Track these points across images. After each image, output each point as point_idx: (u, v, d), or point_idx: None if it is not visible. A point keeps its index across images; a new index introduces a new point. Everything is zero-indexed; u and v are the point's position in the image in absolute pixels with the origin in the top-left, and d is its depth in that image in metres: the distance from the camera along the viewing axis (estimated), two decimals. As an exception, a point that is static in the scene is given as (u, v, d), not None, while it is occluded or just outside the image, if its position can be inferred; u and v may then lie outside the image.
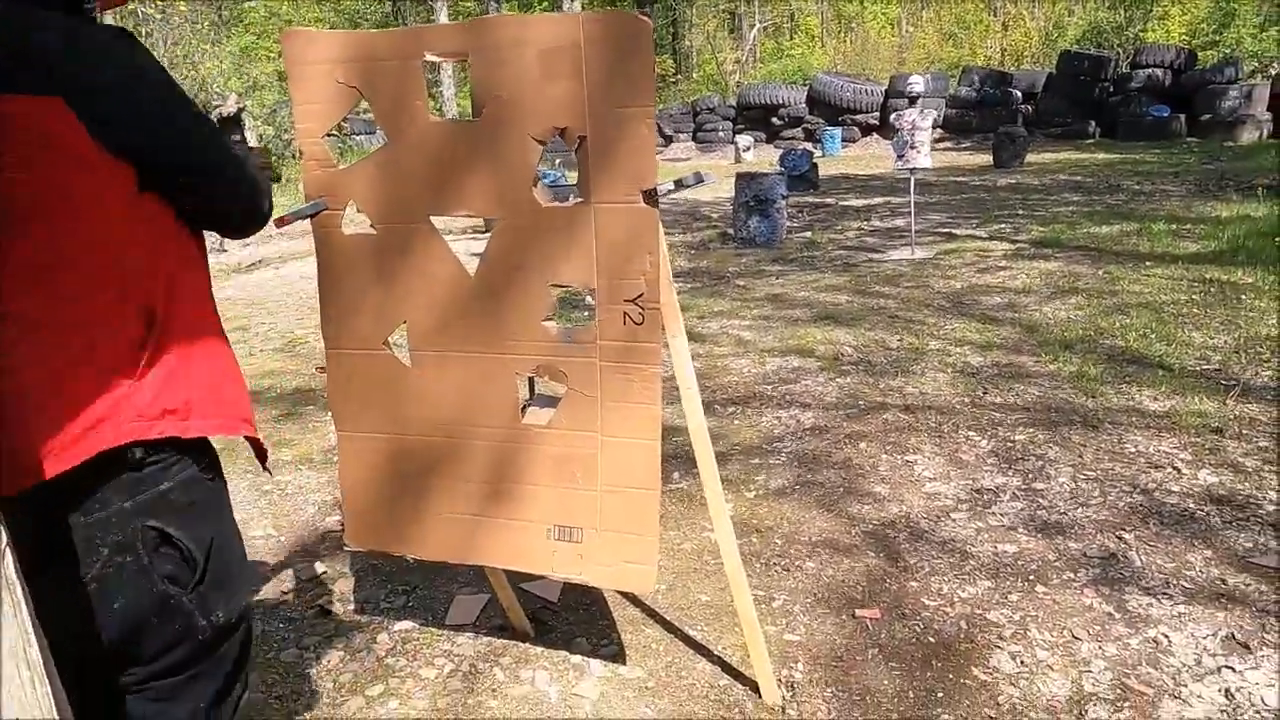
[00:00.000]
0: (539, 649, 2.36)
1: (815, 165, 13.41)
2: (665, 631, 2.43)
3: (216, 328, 1.48)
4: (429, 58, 1.87)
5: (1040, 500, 3.02)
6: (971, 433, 3.63)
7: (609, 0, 29.77)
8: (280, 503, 3.35)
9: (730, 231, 9.13)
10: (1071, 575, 2.56)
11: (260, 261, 9.51)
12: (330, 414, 2.22)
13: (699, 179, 1.85)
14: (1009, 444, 3.49)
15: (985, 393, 4.07)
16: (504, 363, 2.01)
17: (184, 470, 1.34)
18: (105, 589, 1.28)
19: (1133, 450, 3.35)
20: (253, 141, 13.80)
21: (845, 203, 11.42)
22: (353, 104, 1.94)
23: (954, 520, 2.93)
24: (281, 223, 2.06)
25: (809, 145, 17.63)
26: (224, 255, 9.81)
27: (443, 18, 14.58)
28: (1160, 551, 2.64)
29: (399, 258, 2.01)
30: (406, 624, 2.52)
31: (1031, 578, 2.56)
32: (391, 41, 1.88)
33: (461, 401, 2.05)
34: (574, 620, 2.50)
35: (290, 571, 2.86)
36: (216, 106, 13.95)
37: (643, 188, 1.82)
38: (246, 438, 1.48)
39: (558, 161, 13.66)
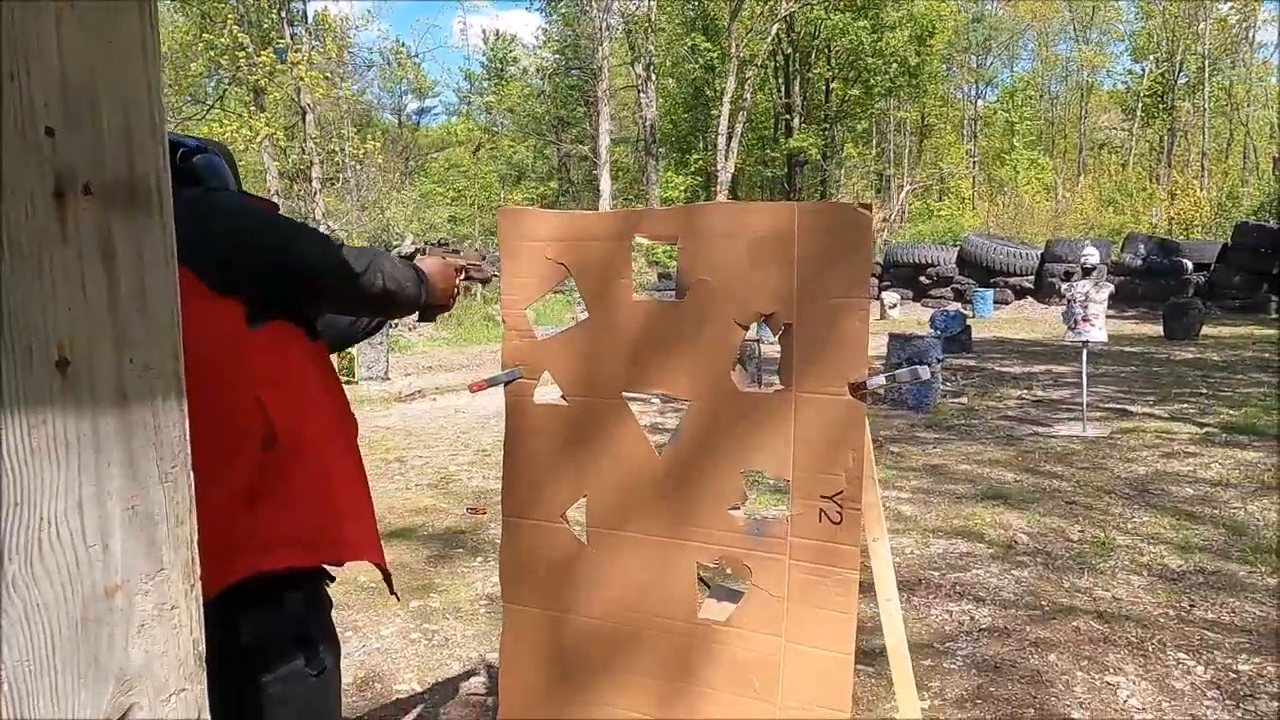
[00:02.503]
0: None
1: (968, 327, 13.03)
2: None
3: (343, 456, 1.60)
4: (640, 240, 1.90)
5: (1283, 754, 2.55)
6: (1183, 655, 3.17)
7: (762, 163, 31.02)
8: (427, 654, 3.29)
9: (880, 393, 8.86)
10: None
11: (419, 392, 9.99)
12: (498, 578, 2.16)
13: (915, 376, 1.74)
14: (1232, 674, 3.02)
15: (1192, 605, 3.58)
16: (685, 550, 1.90)
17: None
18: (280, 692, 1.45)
19: (1395, 700, 2.81)
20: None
21: (1002, 368, 10.94)
22: (559, 280, 1.98)
23: (1175, 767, 2.51)
24: (476, 388, 2.08)
25: (959, 306, 17.25)
26: (387, 383, 10.38)
27: (604, 176, 15.53)
28: None
29: (588, 431, 1.98)
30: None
31: None
32: (604, 224, 1.92)
33: (637, 587, 1.95)
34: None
35: (431, 735, 2.75)
36: (395, 246, 15.26)
37: (850, 380, 1.73)
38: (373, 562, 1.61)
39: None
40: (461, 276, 1.90)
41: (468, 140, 32.82)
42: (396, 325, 13.71)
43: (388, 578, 1.72)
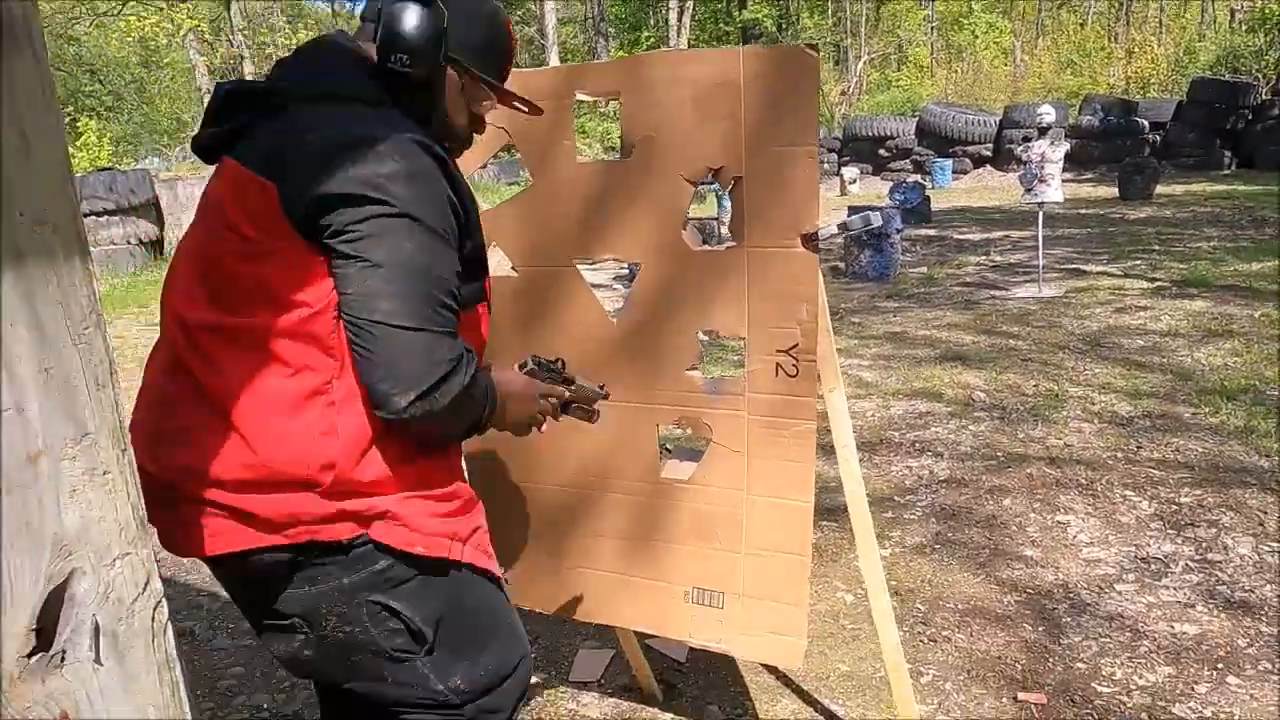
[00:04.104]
0: (669, 716, 2.23)
1: (928, 198, 13.00)
2: (802, 703, 2.26)
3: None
4: (580, 97, 1.81)
5: (1219, 574, 2.71)
6: (1129, 492, 3.32)
7: (716, 38, 30.03)
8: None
9: (841, 266, 8.89)
10: (1268, 666, 2.26)
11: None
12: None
13: (866, 222, 1.72)
14: (1174, 506, 3.17)
15: (1140, 447, 3.73)
16: (645, 413, 1.91)
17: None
18: (336, 650, 1.28)
19: (1323, 519, 2.99)
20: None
21: (961, 236, 10.99)
22: (500, 144, 1.90)
23: (1120, 592, 2.66)
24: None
25: (918, 177, 17.16)
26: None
27: (553, 54, 14.91)
28: (1375, 642, 2.31)
29: (540, 303, 1.95)
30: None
31: (1220, 666, 2.28)
32: (544, 82, 1.83)
33: (599, 453, 1.96)
34: (704, 685, 2.35)
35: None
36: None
37: (802, 231, 1.70)
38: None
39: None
40: (556, 413, 1.50)
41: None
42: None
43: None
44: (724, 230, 8.83)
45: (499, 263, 1.97)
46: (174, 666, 0.91)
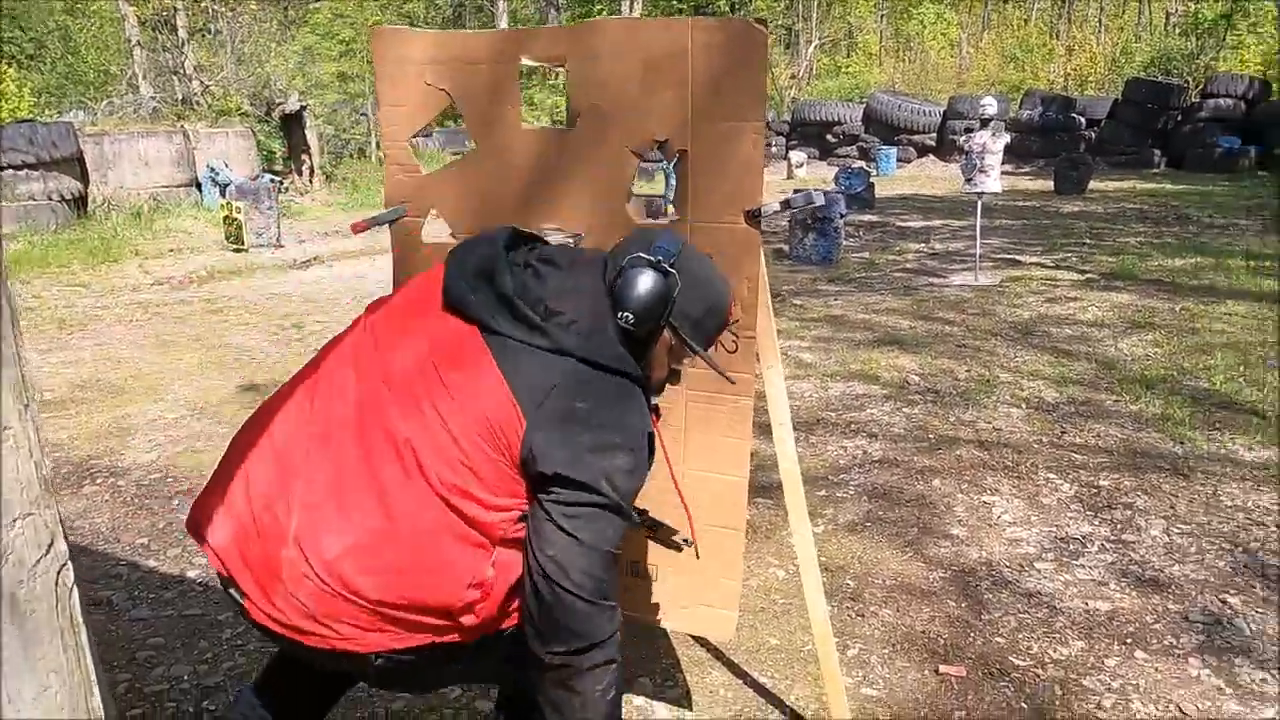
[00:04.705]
0: (600, 687, 2.23)
1: (872, 184, 13.17)
2: (733, 676, 2.29)
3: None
4: (525, 62, 1.78)
5: (1132, 554, 2.83)
6: (1051, 474, 3.44)
7: (668, 14, 29.83)
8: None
9: (785, 249, 8.97)
10: (1173, 641, 2.37)
11: (315, 258, 9.57)
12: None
13: (809, 200, 1.72)
14: (1093, 489, 3.30)
15: (1064, 432, 3.86)
16: (584, 386, 1.90)
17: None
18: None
19: (1230, 504, 3.13)
20: (313, 139, 13.98)
21: (903, 223, 11.18)
22: (441, 107, 1.85)
23: (1039, 570, 2.75)
24: (358, 228, 1.98)
25: (864, 164, 17.37)
26: (280, 251, 9.90)
27: (503, 24, 14.65)
28: (1271, 621, 2.44)
29: (480, 270, 1.91)
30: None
31: (1129, 640, 2.38)
32: (488, 44, 1.79)
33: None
34: (635, 657, 2.37)
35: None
36: (279, 104, 14.19)
37: (746, 207, 1.70)
38: None
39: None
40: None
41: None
42: (286, 189, 12.96)
43: None
44: (670, 209, 8.82)
45: (439, 230, 1.93)
46: (79, 632, 0.88)
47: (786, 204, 1.76)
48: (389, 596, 1.25)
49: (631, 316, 1.35)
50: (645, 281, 1.35)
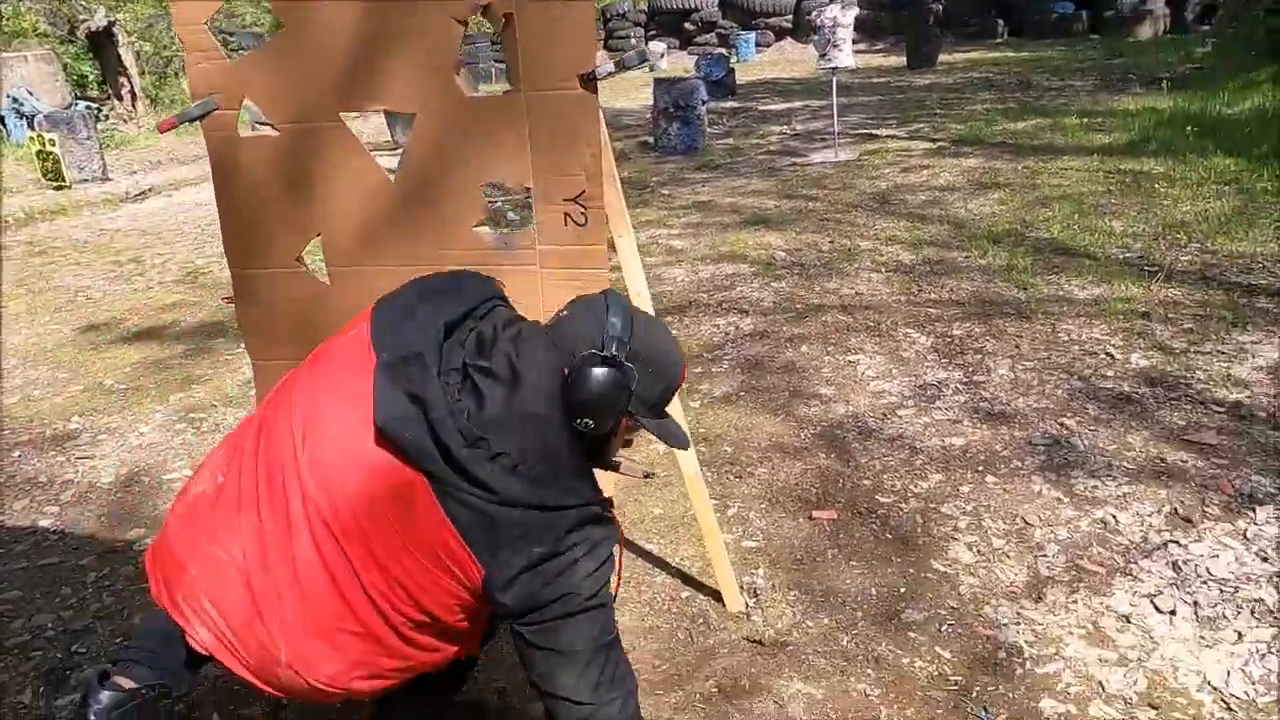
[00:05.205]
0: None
1: (732, 71, 13.11)
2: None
3: None
4: (327, -74, 1.63)
5: (982, 392, 3.04)
6: (910, 330, 3.62)
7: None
8: (197, 442, 3.12)
9: (650, 140, 8.88)
10: (1019, 464, 2.58)
11: (151, 189, 8.82)
12: (244, 344, 2.01)
13: (642, 58, 1.68)
14: (948, 339, 3.50)
15: (920, 290, 4.06)
16: (435, 275, 1.84)
17: None
18: None
19: (1066, 338, 3.39)
20: (129, 59, 12.69)
21: (765, 107, 11.22)
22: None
23: (901, 417, 2.92)
24: (165, 126, 1.82)
25: (723, 51, 17.22)
26: (109, 184, 9.07)
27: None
28: (1101, 435, 2.69)
29: (308, 162, 1.80)
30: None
31: (981, 468, 2.57)
32: (280, -96, 1.62)
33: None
34: (525, 543, 2.40)
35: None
36: (84, 21, 12.73)
37: (580, 71, 1.65)
38: None
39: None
40: None
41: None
42: (106, 117, 11.79)
43: None
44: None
45: (257, 125, 1.79)
46: None
47: (620, 64, 1.70)
48: (391, 683, 1.38)
49: (592, 422, 1.28)
50: (602, 383, 1.26)
